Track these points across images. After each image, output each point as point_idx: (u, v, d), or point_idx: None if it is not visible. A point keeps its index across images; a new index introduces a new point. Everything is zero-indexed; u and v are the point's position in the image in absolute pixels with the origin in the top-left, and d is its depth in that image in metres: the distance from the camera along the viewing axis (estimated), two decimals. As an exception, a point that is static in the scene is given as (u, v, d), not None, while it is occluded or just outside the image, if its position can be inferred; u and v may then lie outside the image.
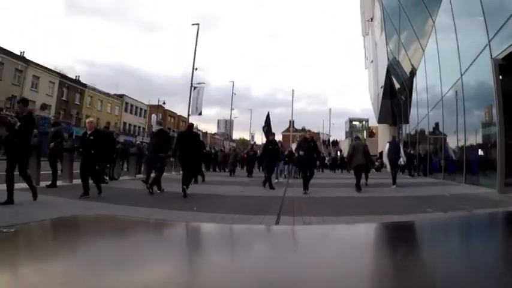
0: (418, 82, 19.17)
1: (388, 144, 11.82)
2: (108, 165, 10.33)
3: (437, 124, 16.15)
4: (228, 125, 69.96)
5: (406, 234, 0.93)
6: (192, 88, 23.70)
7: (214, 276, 0.56)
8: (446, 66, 13.82)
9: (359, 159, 9.40)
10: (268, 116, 12.28)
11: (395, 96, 26.30)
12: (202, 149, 10.52)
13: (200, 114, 23.85)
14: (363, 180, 10.11)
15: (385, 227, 1.12)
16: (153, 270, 0.57)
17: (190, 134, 8.00)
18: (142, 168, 13.26)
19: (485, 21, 9.40)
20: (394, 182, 10.72)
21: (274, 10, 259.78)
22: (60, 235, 0.85)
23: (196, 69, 23.90)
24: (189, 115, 24.18)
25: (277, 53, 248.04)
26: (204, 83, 24.88)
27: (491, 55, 9.04)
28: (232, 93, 44.47)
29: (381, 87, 27.94)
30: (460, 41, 11.87)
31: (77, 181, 7.37)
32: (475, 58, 10.32)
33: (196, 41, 24.00)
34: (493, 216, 1.30)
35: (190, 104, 23.54)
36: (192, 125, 8.73)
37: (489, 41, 9.16)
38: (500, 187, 8.12)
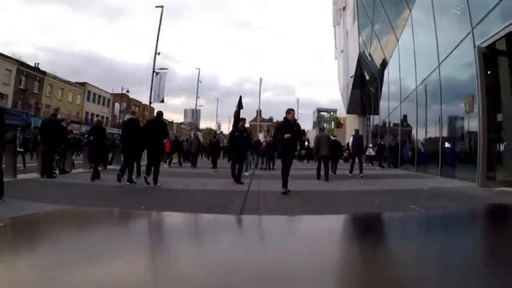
0: (391, 72, 18.96)
1: (351, 137, 12.45)
2: (57, 157, 9.28)
3: (409, 115, 16.00)
4: (195, 114, 68.32)
5: (373, 227, 0.94)
6: (154, 74, 22.26)
7: (176, 268, 0.56)
8: (422, 56, 13.54)
9: (324, 150, 9.72)
10: (240, 100, 11.26)
11: (365, 87, 26.23)
12: (166, 138, 9.67)
13: (162, 101, 22.47)
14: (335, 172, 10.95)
15: (355, 219, 1.15)
16: (115, 264, 0.56)
17: (158, 122, 7.90)
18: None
19: (468, 8, 9.03)
20: (360, 171, 11.30)
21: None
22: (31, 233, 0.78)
23: (159, 53, 22.43)
24: (150, 102, 22.79)
25: (246, 43, 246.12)
26: (166, 69, 23.44)
27: (474, 43, 8.68)
28: (198, 80, 42.94)
29: (351, 77, 27.81)
30: (438, 30, 11.53)
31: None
32: (455, 47, 9.98)
33: (160, 23, 22.46)
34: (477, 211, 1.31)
35: (152, 91, 22.10)
36: (161, 113, 8.27)
37: (472, 29, 8.79)
38: (481, 181, 7.81)
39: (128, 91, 48.39)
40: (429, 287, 0.49)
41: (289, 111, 6.98)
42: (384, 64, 19.96)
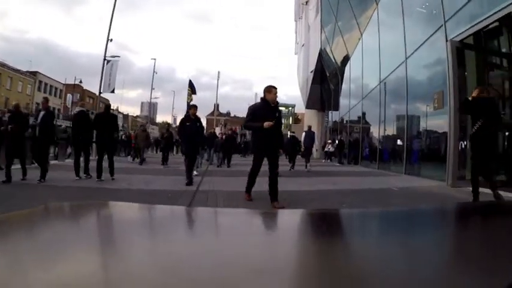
0: (353, 69, 18.74)
1: (304, 133, 13.37)
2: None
3: (371, 112, 15.80)
4: (151, 107, 65.64)
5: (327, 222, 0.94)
6: (105, 62, 20.34)
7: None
8: (388, 52, 13.26)
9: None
10: (191, 84, 10.06)
11: (325, 82, 26.04)
12: (116, 132, 8.80)
13: (113, 91, 20.55)
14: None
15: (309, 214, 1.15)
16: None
17: (107, 116, 7.75)
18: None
19: (441, 1, 8.67)
20: (306, 166, 12.08)
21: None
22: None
23: (111, 40, 20.42)
24: (100, 92, 20.87)
25: (205, 36, 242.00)
26: (118, 56, 21.41)
27: (446, 37, 8.33)
28: (154, 71, 41.11)
29: (311, 72, 27.50)
30: (407, 24, 11.21)
31: None
32: (425, 41, 9.65)
33: (114, 7, 20.49)
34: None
35: (103, 80, 20.18)
36: (109, 106, 8.25)
37: (445, 22, 8.43)
38: (452, 180, 7.45)
39: (80, 81, 45.21)
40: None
41: (270, 90, 4.99)
42: (346, 60, 19.72)
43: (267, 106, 5.03)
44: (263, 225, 0.92)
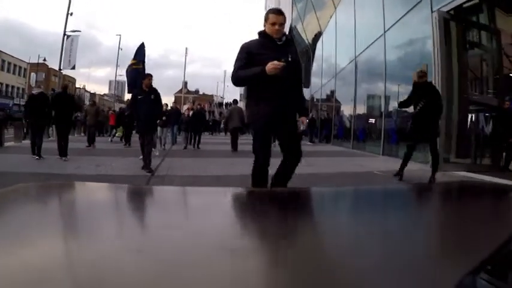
0: (325, 44, 18.01)
1: None
2: None
3: (345, 89, 15.26)
4: (118, 85, 62.89)
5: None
6: (65, 37, 18.45)
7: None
8: (364, 25, 12.58)
9: (235, 122, 10.13)
10: (141, 49, 8.81)
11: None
12: (76, 112, 8.89)
13: (73, 68, 18.85)
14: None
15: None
16: None
17: (65, 96, 7.74)
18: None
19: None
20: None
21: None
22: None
23: (71, 14, 18.65)
24: (60, 69, 19.12)
25: (171, 12, 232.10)
26: (79, 31, 19.56)
27: (431, 8, 7.71)
28: (119, 48, 39.33)
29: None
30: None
31: None
32: (406, 12, 9.00)
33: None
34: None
35: (63, 56, 18.41)
36: (66, 86, 8.45)
37: (431, -9, 7.79)
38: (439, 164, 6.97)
39: (44, 60, 41.93)
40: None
41: (276, 13, 3.15)
42: (318, 36, 18.94)
43: (270, 44, 3.06)
44: (235, 204, 0.90)
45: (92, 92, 72.68)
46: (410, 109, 6.19)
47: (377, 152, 10.18)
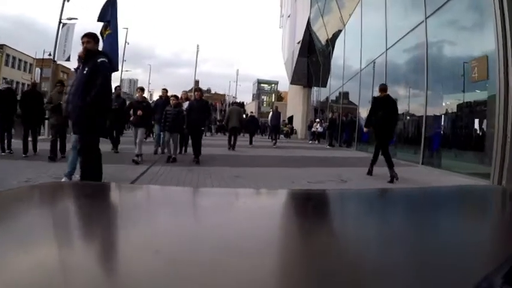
0: (348, 35, 16.36)
1: (271, 113, 15.32)
2: None
3: (370, 88, 13.63)
4: (132, 84, 62.31)
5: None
6: (61, 25, 17.11)
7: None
8: (399, 11, 10.97)
9: (234, 123, 10.81)
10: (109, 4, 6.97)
11: (313, 54, 23.56)
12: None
13: (68, 59, 17.38)
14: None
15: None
16: None
17: (34, 94, 7.51)
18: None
19: None
20: (275, 143, 13.87)
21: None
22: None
23: (68, 0, 17.35)
24: (54, 60, 17.81)
25: (184, 12, 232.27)
26: (76, 18, 18.13)
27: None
28: (125, 42, 37.99)
29: (298, 43, 24.93)
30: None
31: None
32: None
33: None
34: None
35: (57, 46, 16.99)
36: (35, 83, 8.17)
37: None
38: (508, 178, 5.36)
39: (49, 54, 40.83)
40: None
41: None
42: (340, 29, 17.30)
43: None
44: (251, 205, 0.88)
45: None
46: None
47: (416, 160, 8.50)
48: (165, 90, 9.56)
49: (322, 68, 21.62)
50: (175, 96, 8.01)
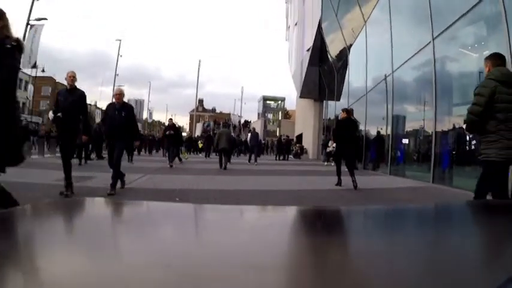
0: (370, 34, 13.46)
1: (249, 134, 16.55)
2: None
3: (402, 95, 10.65)
4: (138, 105, 61.49)
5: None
6: (28, 27, 14.67)
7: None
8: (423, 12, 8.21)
9: (223, 144, 11.49)
10: None
11: (326, 62, 20.72)
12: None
13: (34, 66, 14.82)
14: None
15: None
16: None
17: None
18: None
19: None
20: (255, 160, 14.56)
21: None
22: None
23: None
24: (19, 68, 15.13)
25: (188, 33, 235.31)
26: (45, 19, 15.67)
27: None
28: (118, 55, 37.23)
29: (307, 51, 22.17)
30: None
31: None
32: None
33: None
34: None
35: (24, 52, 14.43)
36: None
37: None
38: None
39: (43, 70, 38.55)
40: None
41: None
42: (360, 24, 14.42)
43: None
44: (259, 221, 0.90)
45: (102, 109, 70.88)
46: None
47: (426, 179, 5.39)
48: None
49: (336, 77, 18.69)
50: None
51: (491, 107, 2.87)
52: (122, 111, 5.38)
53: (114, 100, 5.67)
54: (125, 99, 5.87)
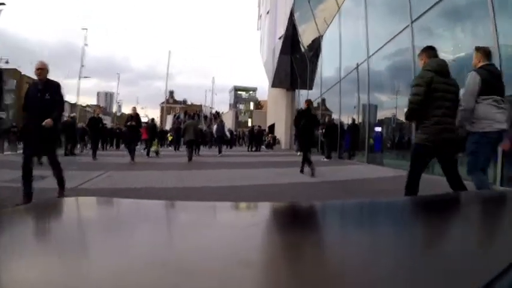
0: (344, 20, 13.12)
1: (216, 125, 16.56)
2: None
3: (377, 83, 10.39)
4: (108, 98, 59.31)
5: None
6: None
7: None
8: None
9: (190, 135, 11.40)
10: None
11: (297, 51, 20.31)
12: None
13: None
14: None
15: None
16: None
17: None
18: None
19: None
20: (219, 152, 14.69)
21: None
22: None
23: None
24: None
25: (157, 23, 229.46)
26: (3, 4, 14.39)
27: None
28: (84, 44, 35.32)
29: (279, 38, 21.65)
30: None
31: None
32: None
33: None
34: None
35: None
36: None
37: None
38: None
39: (7, 62, 35.35)
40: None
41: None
42: (333, 11, 14.05)
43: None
44: (251, 218, 0.90)
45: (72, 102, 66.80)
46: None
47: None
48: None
49: (309, 66, 18.33)
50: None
51: (429, 96, 3.07)
52: (46, 92, 4.06)
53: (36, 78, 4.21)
54: (95, 92, 4.66)
